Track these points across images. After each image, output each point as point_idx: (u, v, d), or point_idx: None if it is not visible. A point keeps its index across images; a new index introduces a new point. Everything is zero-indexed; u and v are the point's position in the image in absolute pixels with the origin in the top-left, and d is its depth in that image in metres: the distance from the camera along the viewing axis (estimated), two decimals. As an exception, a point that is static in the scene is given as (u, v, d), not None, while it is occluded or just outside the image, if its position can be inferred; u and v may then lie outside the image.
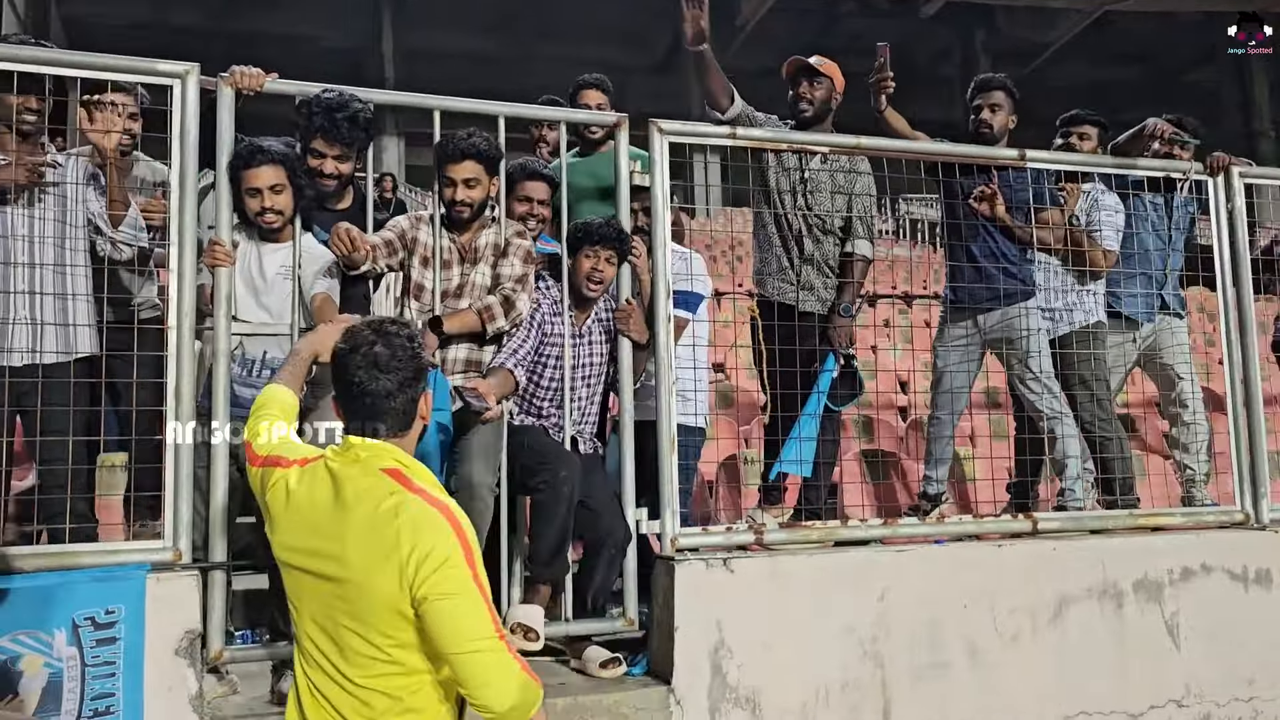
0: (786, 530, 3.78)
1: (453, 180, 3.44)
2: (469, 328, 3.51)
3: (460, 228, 3.54)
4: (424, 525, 2.01)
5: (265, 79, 3.33)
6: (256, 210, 3.29)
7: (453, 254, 3.55)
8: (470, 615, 1.98)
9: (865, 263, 4.09)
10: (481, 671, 1.96)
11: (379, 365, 2.10)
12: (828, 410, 3.98)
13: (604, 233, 3.55)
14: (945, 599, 3.74)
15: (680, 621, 3.44)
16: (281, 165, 3.30)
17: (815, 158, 4.05)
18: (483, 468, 3.33)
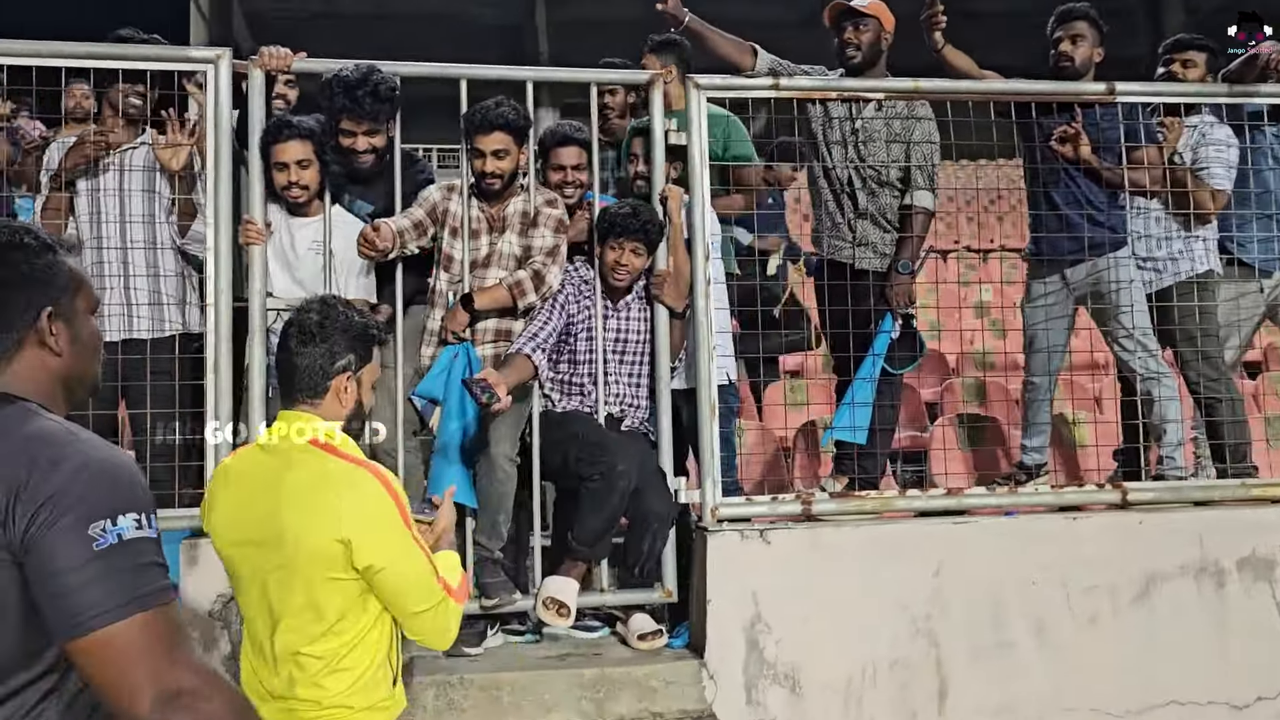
0: (837, 500, 3.61)
1: (481, 152, 3.42)
2: (500, 303, 3.49)
3: (490, 198, 3.52)
4: (357, 491, 2.03)
5: (293, 59, 3.41)
6: (283, 184, 3.37)
7: (481, 223, 3.54)
8: (417, 579, 2.06)
9: (927, 215, 3.81)
10: (431, 627, 2.11)
11: (304, 330, 2.12)
12: (886, 374, 3.75)
13: (628, 225, 3.43)
14: (1010, 575, 3.48)
15: (713, 594, 3.34)
16: (309, 140, 3.38)
17: (869, 105, 3.80)
18: (501, 438, 3.32)
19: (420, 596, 2.07)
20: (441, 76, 3.53)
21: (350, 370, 2.12)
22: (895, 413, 3.90)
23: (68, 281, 1.48)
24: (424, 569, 2.07)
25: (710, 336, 3.55)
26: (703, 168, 3.59)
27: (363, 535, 2.00)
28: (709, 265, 3.57)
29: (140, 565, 1.29)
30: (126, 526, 1.30)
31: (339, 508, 2.00)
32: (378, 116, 3.41)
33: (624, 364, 3.66)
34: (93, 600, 1.26)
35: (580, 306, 3.61)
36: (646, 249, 3.50)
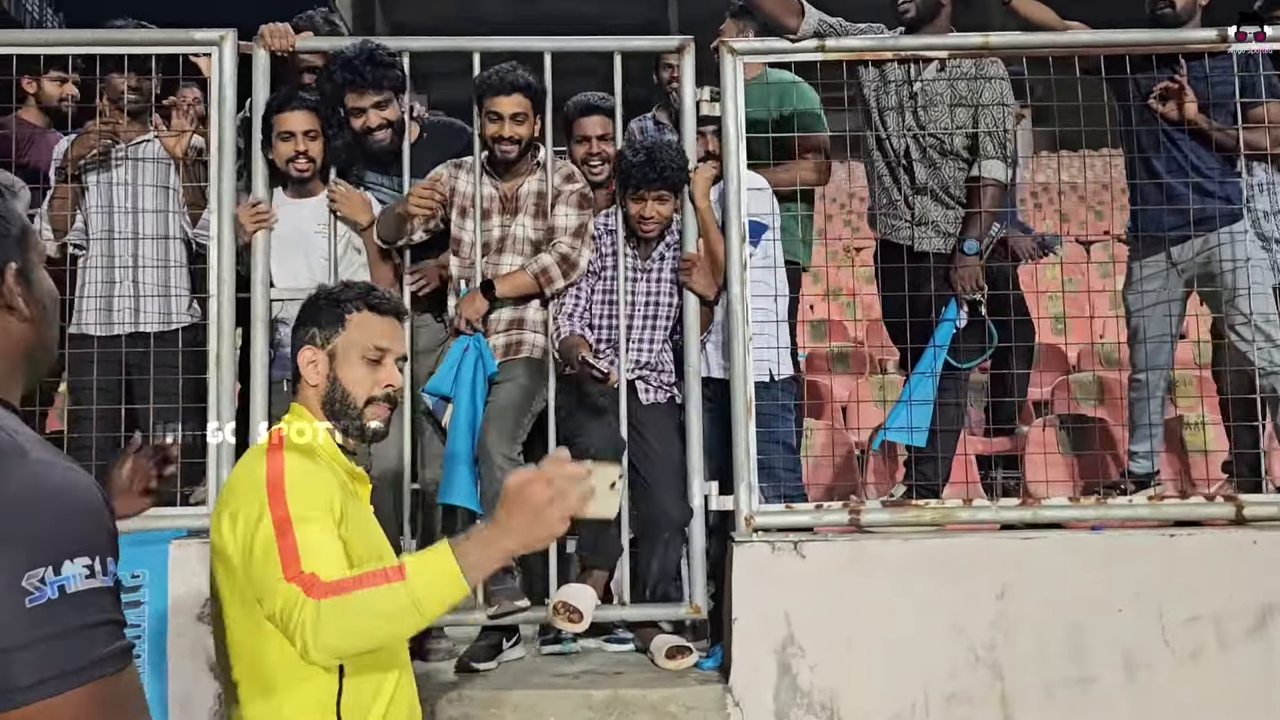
0: (891, 510, 3.20)
1: (499, 115, 3.18)
2: (523, 290, 3.25)
3: (504, 170, 3.28)
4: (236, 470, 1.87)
5: (295, 38, 3.27)
6: (289, 155, 3.21)
7: (493, 203, 3.30)
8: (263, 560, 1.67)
9: (998, 188, 3.35)
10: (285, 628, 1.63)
11: None
12: (949, 368, 3.32)
13: (644, 175, 3.14)
14: (1092, 600, 3.00)
15: (739, 612, 3.00)
16: (315, 112, 3.23)
17: (930, 65, 3.37)
18: (498, 434, 3.07)
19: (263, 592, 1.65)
20: (454, 50, 3.30)
21: (313, 344, 1.88)
22: (959, 412, 3.45)
23: (22, 230, 1.22)
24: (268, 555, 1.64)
25: (745, 327, 3.20)
26: (739, 141, 3.24)
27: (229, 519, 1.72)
28: (744, 248, 3.23)
29: (87, 626, 1.03)
30: (73, 575, 1.02)
31: (223, 491, 1.83)
32: (380, 84, 3.22)
33: (656, 329, 3.37)
34: (23, 669, 1.00)
35: (602, 258, 3.34)
36: (672, 192, 3.22)
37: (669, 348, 3.41)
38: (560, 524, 1.55)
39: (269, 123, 3.21)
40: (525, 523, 1.55)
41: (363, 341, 1.89)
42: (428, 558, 1.62)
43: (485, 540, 1.58)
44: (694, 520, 3.20)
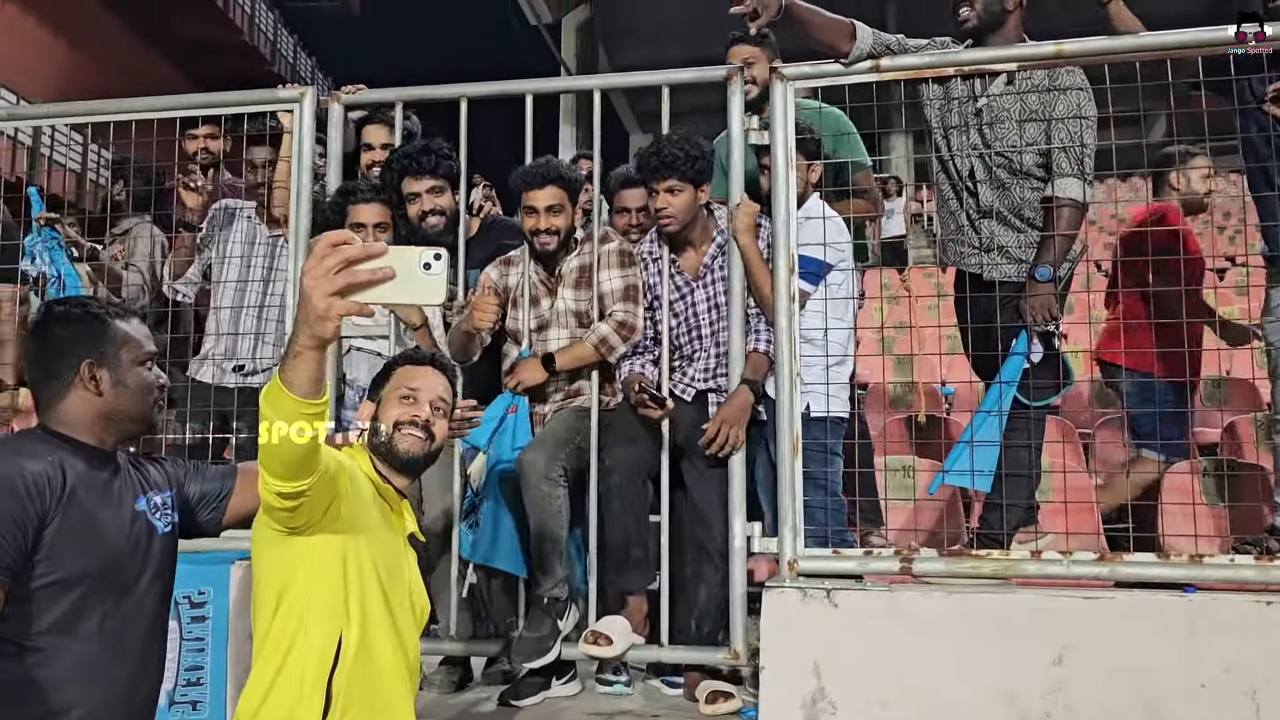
0: (947, 559, 2.94)
1: (534, 208, 3.25)
2: (584, 361, 3.29)
3: (547, 261, 3.34)
4: None
5: (365, 92, 3.47)
6: None
7: (540, 289, 3.38)
8: None
9: (1075, 208, 3.03)
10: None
11: None
12: (1020, 406, 3.03)
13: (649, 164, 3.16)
14: (1170, 671, 2.63)
15: (767, 661, 2.85)
16: (387, 205, 3.41)
17: (996, 79, 3.12)
18: (536, 456, 3.08)
19: None
20: (507, 94, 3.38)
21: (370, 399, 2.31)
22: (1034, 455, 3.13)
23: (111, 338, 1.95)
24: None
25: (793, 361, 3.07)
26: (788, 170, 3.12)
27: None
28: (793, 280, 3.10)
29: None
30: None
31: None
32: (436, 169, 3.36)
33: (700, 339, 3.32)
34: None
35: (650, 277, 3.35)
36: (687, 182, 3.15)
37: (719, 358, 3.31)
38: (321, 298, 1.41)
39: (342, 211, 3.38)
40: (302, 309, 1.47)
41: (399, 385, 2.25)
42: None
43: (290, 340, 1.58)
44: (734, 561, 3.09)
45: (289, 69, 26.05)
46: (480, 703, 3.22)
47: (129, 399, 1.95)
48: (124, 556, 1.92)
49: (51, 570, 1.79)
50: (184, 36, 21.38)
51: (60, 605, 1.81)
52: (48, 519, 1.78)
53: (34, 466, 1.80)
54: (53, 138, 14.71)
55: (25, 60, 16.64)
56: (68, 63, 18.12)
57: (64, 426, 1.92)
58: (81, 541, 1.83)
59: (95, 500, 1.88)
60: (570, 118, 17.01)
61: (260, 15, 24.27)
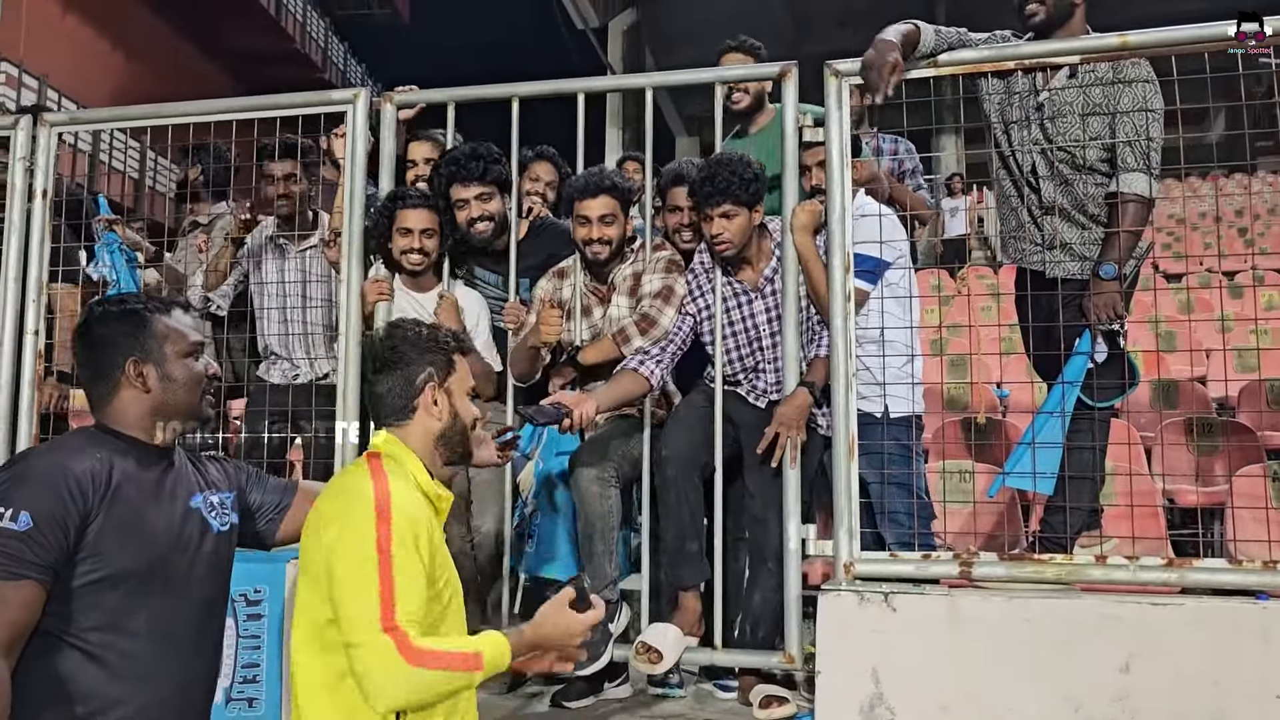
0: (1008, 564, 2.88)
1: (587, 218, 3.25)
2: (607, 355, 3.30)
3: (599, 270, 3.32)
4: (344, 500, 1.91)
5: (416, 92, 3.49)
6: (405, 249, 3.39)
7: (591, 299, 3.38)
8: (356, 609, 1.80)
9: (1141, 204, 2.95)
10: (359, 668, 1.80)
11: (376, 358, 2.11)
12: (1084, 407, 2.95)
13: (702, 189, 3.10)
14: (1241, 680, 2.55)
15: (823, 665, 2.81)
16: (434, 210, 3.41)
17: (1059, 73, 3.04)
18: (589, 454, 3.08)
19: (351, 627, 1.81)
20: (558, 94, 3.37)
21: (434, 381, 2.07)
22: (1098, 457, 3.04)
23: (154, 334, 1.94)
24: (365, 603, 1.80)
25: (849, 361, 3.02)
26: (843, 168, 3.08)
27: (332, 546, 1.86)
28: (848, 279, 3.05)
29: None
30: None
31: (327, 511, 1.93)
32: (484, 177, 3.36)
33: (763, 350, 3.29)
34: None
35: (704, 295, 3.31)
36: (742, 205, 3.10)
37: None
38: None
39: (390, 215, 3.40)
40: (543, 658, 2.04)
41: (467, 381, 2.15)
42: (499, 653, 1.89)
43: (529, 643, 1.97)
44: (789, 564, 3.04)
45: (339, 76, 26.39)
46: (531, 704, 3.21)
47: (177, 392, 1.95)
48: (173, 553, 1.90)
49: (98, 567, 1.78)
50: (237, 45, 21.76)
51: (107, 601, 1.80)
52: (91, 517, 1.78)
53: (80, 465, 1.80)
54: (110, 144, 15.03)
55: (85, 71, 17.04)
56: (125, 73, 18.52)
57: (117, 424, 1.92)
58: (127, 538, 1.82)
59: (144, 497, 1.87)
60: (617, 120, 17.03)
61: (311, 23, 24.63)
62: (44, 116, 3.70)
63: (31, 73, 15.28)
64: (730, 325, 3.29)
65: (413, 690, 1.80)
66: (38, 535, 1.72)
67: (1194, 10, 3.08)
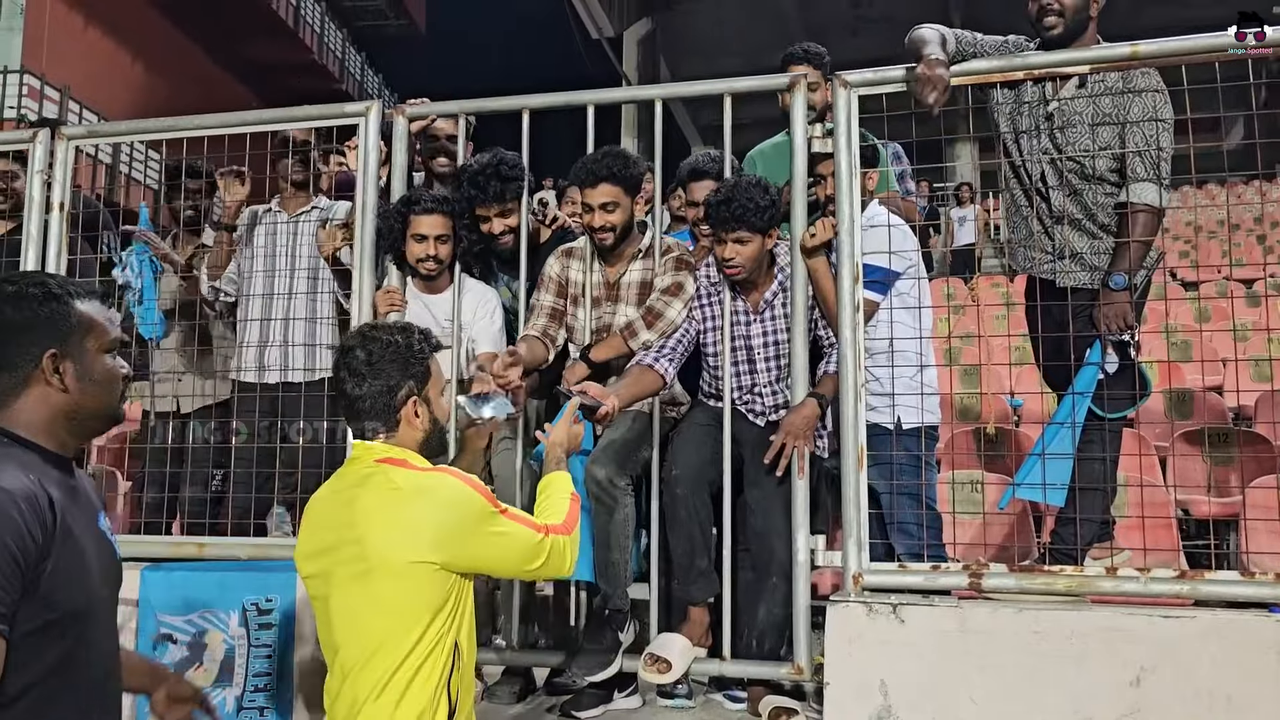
0: (1019, 575, 2.86)
1: (590, 206, 3.25)
2: (618, 352, 3.30)
3: (606, 255, 3.33)
4: (432, 500, 2.00)
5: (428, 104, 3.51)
6: (420, 256, 3.39)
7: (600, 289, 3.38)
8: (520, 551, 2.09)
9: (1151, 214, 2.93)
10: (547, 573, 2.18)
11: (354, 370, 2.12)
12: (1095, 418, 2.94)
13: (718, 214, 3.08)
14: (1255, 694, 2.53)
15: (831, 677, 2.80)
16: (448, 216, 3.41)
17: (1069, 83, 3.04)
18: (604, 465, 3.07)
19: (525, 561, 2.11)
20: (569, 105, 3.39)
21: (415, 395, 2.11)
22: (1109, 468, 3.03)
23: (75, 325, 1.63)
24: (522, 540, 2.10)
25: (858, 372, 3.02)
26: (852, 178, 3.08)
27: (452, 548, 1.99)
28: (857, 289, 3.05)
29: None
30: None
31: (418, 524, 1.98)
32: (504, 196, 3.39)
33: (777, 370, 3.25)
34: None
35: (711, 308, 3.30)
36: (755, 232, 3.09)
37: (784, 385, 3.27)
38: None
39: (405, 220, 3.39)
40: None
41: (440, 381, 2.20)
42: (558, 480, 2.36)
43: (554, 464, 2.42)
44: (798, 576, 3.04)
45: (356, 86, 26.55)
46: (540, 714, 3.21)
47: (96, 394, 1.65)
48: (102, 587, 1.63)
49: (42, 613, 1.47)
50: (255, 56, 21.94)
51: (53, 651, 1.50)
52: (48, 555, 1.48)
53: (14, 486, 1.47)
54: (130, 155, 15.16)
55: (106, 83, 17.21)
56: (145, 84, 18.69)
57: (20, 428, 1.59)
58: (73, 575, 1.53)
59: (78, 523, 1.58)
60: (632, 130, 17.09)
61: (329, 34, 24.81)
62: (61, 130, 3.74)
63: (53, 85, 15.46)
64: (735, 344, 3.29)
65: (575, 542, 2.20)
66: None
67: (1207, 18, 3.04)
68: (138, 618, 3.24)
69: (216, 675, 3.19)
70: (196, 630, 3.22)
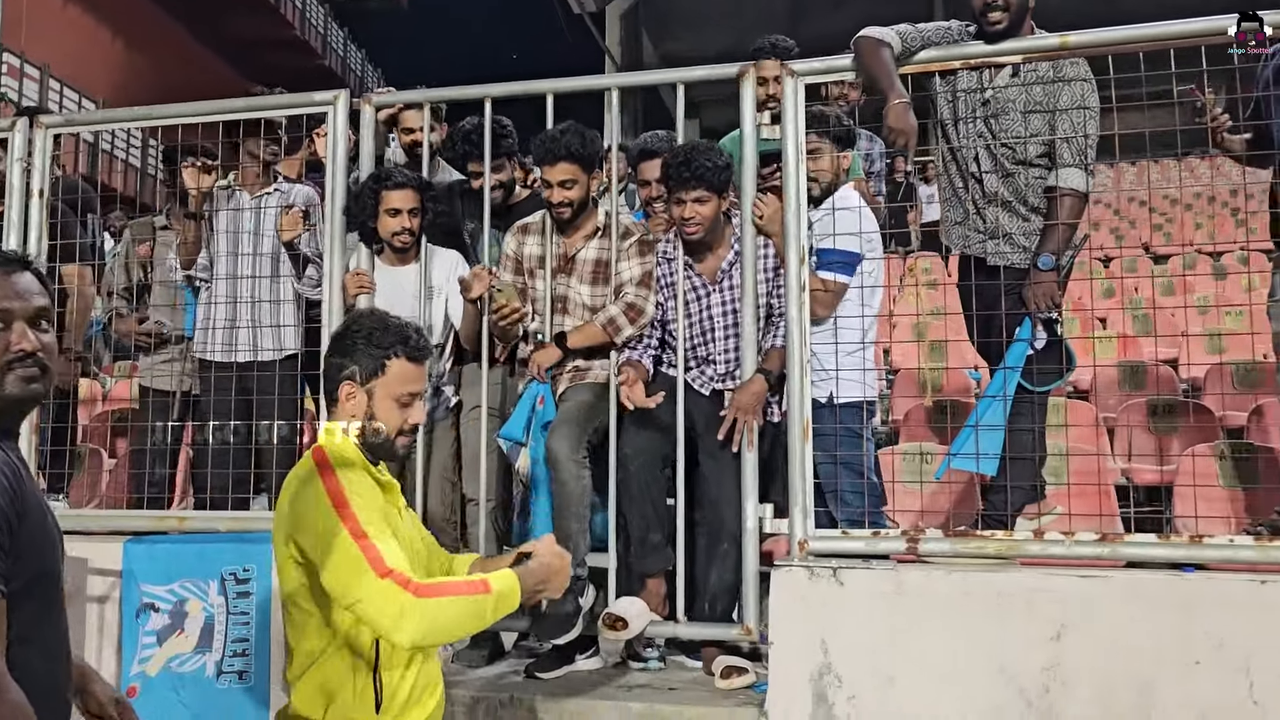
0: (953, 540, 3.04)
1: (549, 182, 3.38)
2: (594, 341, 3.43)
3: (564, 229, 3.48)
4: (298, 489, 2.05)
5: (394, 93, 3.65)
6: (395, 229, 3.53)
7: (557, 261, 3.52)
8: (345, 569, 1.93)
9: (1076, 198, 3.09)
10: (369, 616, 1.92)
11: (332, 339, 2.24)
12: (1025, 391, 3.11)
13: (680, 174, 3.22)
14: (1165, 649, 2.71)
15: (776, 637, 2.98)
16: (417, 190, 3.55)
17: (1002, 72, 3.18)
18: (562, 438, 3.22)
19: (346, 586, 1.93)
20: (528, 94, 3.52)
21: (354, 380, 2.14)
22: (1037, 439, 3.20)
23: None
24: (352, 562, 1.93)
25: (804, 349, 3.18)
26: (799, 163, 3.23)
27: (300, 534, 2.01)
28: (803, 270, 3.20)
29: None
30: None
31: (284, 508, 2.08)
32: (496, 150, 3.55)
33: (735, 339, 3.40)
34: None
35: (667, 276, 3.46)
36: (712, 192, 3.24)
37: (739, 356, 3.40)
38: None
39: (376, 197, 3.53)
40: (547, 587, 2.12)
41: (399, 389, 2.15)
42: (505, 581, 2.01)
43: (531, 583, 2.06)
44: (747, 542, 3.21)
45: (340, 63, 26.50)
46: (507, 675, 3.38)
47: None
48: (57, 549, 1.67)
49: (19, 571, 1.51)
50: (237, 33, 21.89)
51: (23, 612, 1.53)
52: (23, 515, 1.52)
53: None
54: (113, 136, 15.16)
55: (86, 60, 17.18)
56: (126, 62, 18.66)
57: None
58: (37, 537, 1.57)
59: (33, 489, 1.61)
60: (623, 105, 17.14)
61: (311, 11, 24.71)
62: (40, 119, 3.86)
63: (33, 63, 15.44)
64: (687, 318, 3.44)
65: (426, 619, 1.89)
66: None
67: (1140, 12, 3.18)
68: (121, 587, 3.41)
69: (197, 641, 3.36)
70: (178, 599, 3.38)
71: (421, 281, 3.61)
